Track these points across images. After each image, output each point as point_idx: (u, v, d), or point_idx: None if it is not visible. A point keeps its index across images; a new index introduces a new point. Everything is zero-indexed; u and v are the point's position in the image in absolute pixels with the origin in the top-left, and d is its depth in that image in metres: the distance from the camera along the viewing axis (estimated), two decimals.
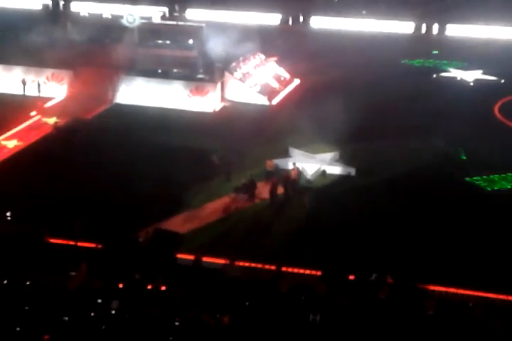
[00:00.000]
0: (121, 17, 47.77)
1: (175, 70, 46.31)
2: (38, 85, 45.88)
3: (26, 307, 20.75)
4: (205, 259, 25.91)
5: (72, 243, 26.79)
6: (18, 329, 19.80)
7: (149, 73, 45.77)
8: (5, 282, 22.57)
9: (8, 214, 28.86)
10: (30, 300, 21.30)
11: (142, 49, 46.84)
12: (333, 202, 31.88)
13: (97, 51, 46.41)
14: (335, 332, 20.66)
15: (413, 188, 33.52)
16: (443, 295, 24.13)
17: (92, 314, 20.67)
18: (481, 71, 51.90)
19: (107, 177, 33.51)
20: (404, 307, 22.10)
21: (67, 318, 20.40)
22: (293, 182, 33.10)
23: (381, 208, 31.50)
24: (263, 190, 32.53)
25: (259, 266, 25.90)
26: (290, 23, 67.10)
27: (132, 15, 47.16)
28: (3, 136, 38.63)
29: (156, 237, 26.49)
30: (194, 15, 65.24)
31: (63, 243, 26.87)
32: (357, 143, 37.54)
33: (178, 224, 29.35)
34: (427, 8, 64.77)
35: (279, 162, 35.08)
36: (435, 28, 64.59)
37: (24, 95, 45.62)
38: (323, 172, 34.94)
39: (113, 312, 20.89)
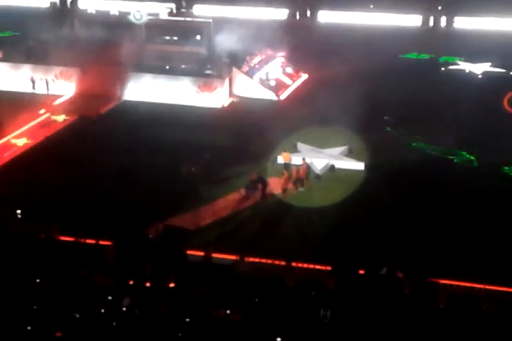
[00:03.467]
0: (129, 14, 47.94)
1: (183, 66, 46.30)
2: (47, 83, 45.96)
3: (37, 305, 20.87)
4: (215, 255, 25.96)
5: (80, 240, 26.88)
6: (29, 328, 19.93)
7: (157, 69, 45.74)
8: (16, 280, 22.71)
9: (18, 212, 29.00)
10: (41, 297, 21.44)
11: (150, 45, 46.94)
12: (343, 197, 31.80)
13: (105, 48, 46.43)
14: (346, 328, 20.68)
15: (422, 182, 33.44)
16: (453, 289, 24.09)
17: (103, 311, 20.78)
18: (489, 63, 51.64)
19: (115, 174, 33.59)
20: (415, 302, 22.09)
21: (78, 315, 20.54)
22: (302, 177, 33.09)
23: (391, 202, 31.43)
24: (275, 185, 32.48)
25: (269, 261, 25.93)
26: (297, 17, 66.93)
27: (139, 12, 47.27)
28: (13, 135, 38.74)
29: (166, 233, 26.55)
30: (201, 11, 65.13)
31: (72, 240, 26.94)
32: (366, 137, 37.39)
33: (188, 220, 29.42)
34: (434, 1, 64.45)
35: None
36: (443, 21, 64.28)
37: (33, 93, 45.76)
38: (332, 167, 34.89)
39: (124, 309, 20.99)
